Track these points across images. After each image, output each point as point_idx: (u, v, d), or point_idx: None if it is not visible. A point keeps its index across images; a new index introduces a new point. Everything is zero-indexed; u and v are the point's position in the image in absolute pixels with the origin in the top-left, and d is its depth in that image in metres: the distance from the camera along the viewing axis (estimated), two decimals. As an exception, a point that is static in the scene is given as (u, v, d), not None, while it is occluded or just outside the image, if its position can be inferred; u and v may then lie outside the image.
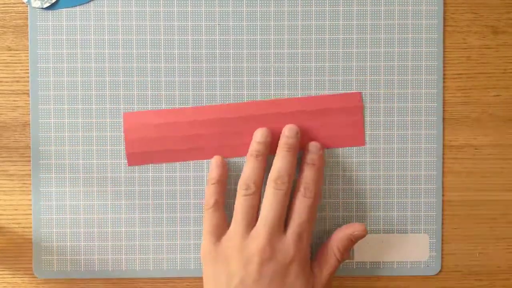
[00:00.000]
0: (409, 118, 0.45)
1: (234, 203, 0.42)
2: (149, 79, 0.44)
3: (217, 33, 0.44)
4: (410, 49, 0.44)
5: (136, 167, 0.44)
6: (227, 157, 0.44)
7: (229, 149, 0.44)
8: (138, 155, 0.44)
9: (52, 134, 0.44)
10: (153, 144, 0.44)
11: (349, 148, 0.45)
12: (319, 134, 0.44)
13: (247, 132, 0.44)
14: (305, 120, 0.44)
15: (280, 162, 0.42)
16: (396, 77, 0.45)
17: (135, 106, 0.44)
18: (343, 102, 0.44)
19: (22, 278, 0.45)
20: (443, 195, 0.45)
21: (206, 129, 0.44)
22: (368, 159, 0.45)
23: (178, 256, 0.45)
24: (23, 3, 0.44)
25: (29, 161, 0.45)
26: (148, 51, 0.44)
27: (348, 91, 0.44)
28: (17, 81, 0.45)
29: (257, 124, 0.44)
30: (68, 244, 0.45)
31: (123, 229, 0.45)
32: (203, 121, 0.44)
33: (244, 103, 0.44)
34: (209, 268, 0.41)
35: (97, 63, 0.44)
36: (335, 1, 0.44)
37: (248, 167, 0.42)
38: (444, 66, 0.45)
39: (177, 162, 0.44)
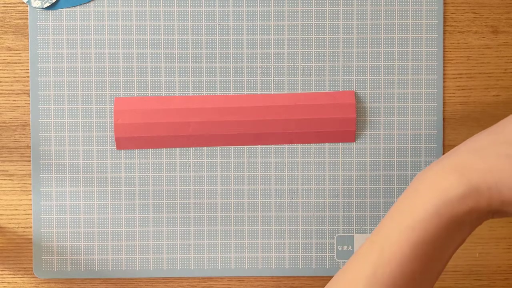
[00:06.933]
0: (409, 118, 0.45)
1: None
2: (149, 79, 0.44)
3: (217, 33, 0.44)
4: (410, 49, 0.44)
5: (136, 167, 0.44)
6: (214, 146, 0.44)
7: (218, 139, 0.44)
8: (126, 140, 0.44)
9: (52, 134, 0.44)
10: (141, 129, 0.44)
11: (349, 147, 0.45)
12: (310, 128, 0.44)
13: (236, 123, 0.44)
14: (297, 115, 0.44)
15: None
16: (396, 77, 0.45)
17: (135, 106, 0.44)
18: (336, 100, 0.44)
19: (22, 278, 0.45)
20: (443, 195, 0.45)
21: (195, 117, 0.44)
22: (368, 159, 0.45)
23: (178, 256, 0.45)
24: (23, 3, 0.44)
25: (29, 161, 0.45)
26: (148, 51, 0.44)
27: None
28: (17, 81, 0.45)
29: (246, 116, 0.44)
30: (68, 244, 0.45)
31: (123, 229, 0.45)
32: (192, 109, 0.44)
33: (234, 95, 0.44)
34: None
35: (97, 63, 0.44)
36: (335, 1, 0.44)
37: None
38: (444, 66, 0.45)
39: (177, 162, 0.44)
